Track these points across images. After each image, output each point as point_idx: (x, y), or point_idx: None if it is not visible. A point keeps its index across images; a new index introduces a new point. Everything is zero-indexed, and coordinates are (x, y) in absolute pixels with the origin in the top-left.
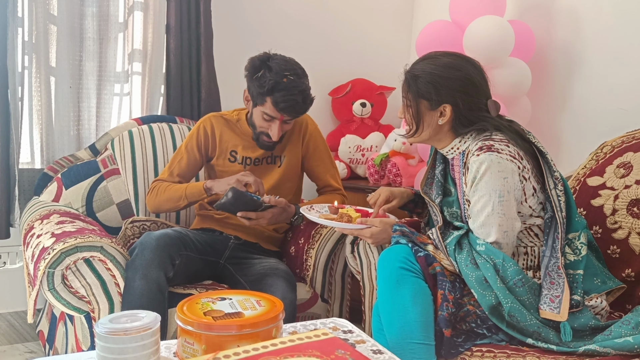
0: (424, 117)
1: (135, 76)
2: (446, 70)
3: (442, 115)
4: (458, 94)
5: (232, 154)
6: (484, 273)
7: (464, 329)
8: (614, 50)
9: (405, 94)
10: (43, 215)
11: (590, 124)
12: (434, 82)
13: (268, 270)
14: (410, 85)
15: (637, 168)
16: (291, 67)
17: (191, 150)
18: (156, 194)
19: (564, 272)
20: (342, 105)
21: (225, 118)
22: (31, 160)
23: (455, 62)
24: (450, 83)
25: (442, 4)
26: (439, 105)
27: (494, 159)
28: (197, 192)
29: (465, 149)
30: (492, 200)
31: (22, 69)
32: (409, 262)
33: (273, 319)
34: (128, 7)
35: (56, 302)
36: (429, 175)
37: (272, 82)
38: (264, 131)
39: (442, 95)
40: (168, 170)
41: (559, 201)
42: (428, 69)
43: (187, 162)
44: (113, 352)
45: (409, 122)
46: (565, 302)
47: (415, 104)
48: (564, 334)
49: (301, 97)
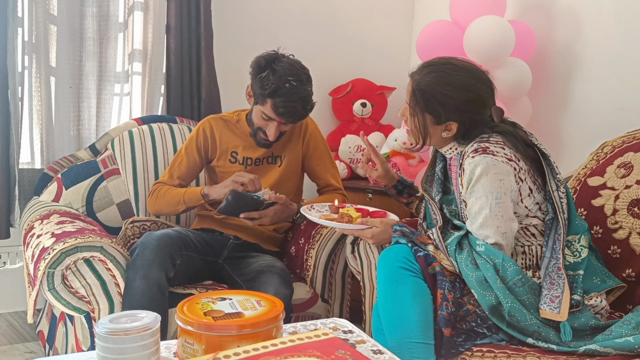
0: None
1: (135, 76)
2: (456, 91)
3: (447, 129)
4: (466, 114)
5: (233, 155)
6: (484, 273)
7: (464, 328)
8: (614, 50)
9: (411, 104)
10: (43, 215)
11: (590, 124)
12: (443, 102)
13: (264, 268)
14: (418, 100)
15: (637, 168)
16: (295, 73)
17: (191, 153)
18: (156, 197)
19: (564, 273)
20: (342, 105)
21: (225, 119)
22: (31, 160)
23: (466, 81)
24: (460, 105)
25: (442, 4)
26: (446, 122)
27: (489, 161)
28: (194, 197)
29: (462, 150)
30: (490, 202)
31: (22, 69)
32: (408, 262)
33: (273, 319)
34: (128, 7)
35: (56, 302)
36: (430, 173)
37: (274, 86)
38: (262, 129)
39: (449, 115)
40: (168, 173)
41: (561, 203)
42: (438, 88)
43: (187, 164)
44: (113, 352)
45: (414, 134)
46: (566, 303)
47: (422, 117)
48: (564, 333)
49: (301, 104)
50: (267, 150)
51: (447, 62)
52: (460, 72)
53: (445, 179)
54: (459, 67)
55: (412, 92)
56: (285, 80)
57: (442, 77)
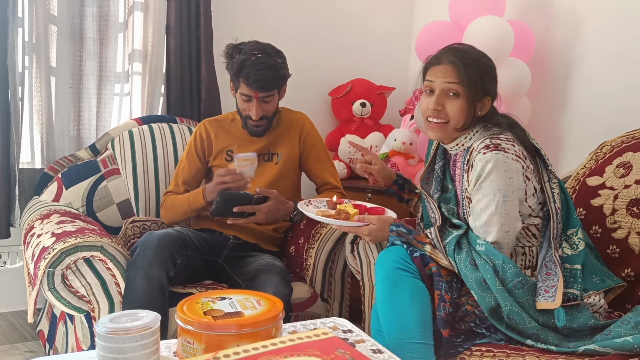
0: (469, 107)
1: (136, 76)
2: (488, 60)
3: (482, 107)
4: (494, 87)
5: (229, 154)
6: (483, 275)
7: (462, 328)
8: (614, 50)
9: (456, 82)
10: (43, 215)
11: (589, 124)
12: (488, 72)
13: (263, 267)
14: (470, 75)
15: (636, 168)
16: (262, 48)
17: (192, 158)
18: (166, 209)
19: (558, 261)
20: (342, 105)
21: (219, 120)
22: (31, 160)
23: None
24: (494, 73)
25: (441, 4)
26: (484, 97)
27: (501, 158)
28: (198, 200)
29: (469, 146)
30: (496, 199)
31: (22, 69)
32: (405, 263)
33: (273, 318)
34: (128, 7)
35: (56, 302)
36: (429, 170)
37: (239, 61)
38: (247, 114)
39: (488, 87)
40: (174, 182)
41: (552, 193)
42: (476, 57)
43: (189, 170)
44: (113, 351)
45: (463, 114)
46: (560, 291)
47: (468, 94)
48: (558, 319)
49: (270, 72)
50: (263, 147)
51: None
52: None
53: (443, 178)
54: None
55: (455, 68)
56: (250, 54)
57: (470, 51)
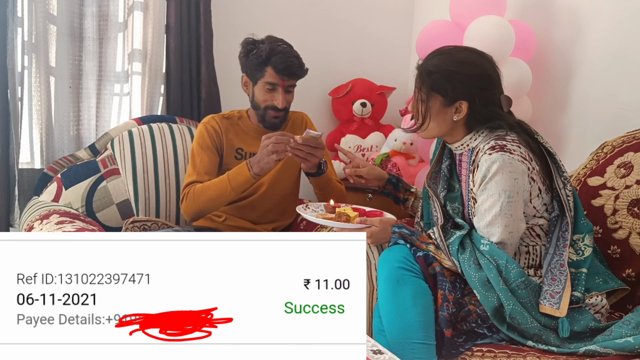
0: (437, 114)
1: (135, 76)
2: (462, 66)
3: (457, 111)
4: (474, 90)
5: (239, 152)
6: (486, 274)
7: (464, 329)
8: (614, 50)
9: (418, 89)
10: (43, 215)
11: (590, 123)
12: (449, 78)
13: None
14: (424, 80)
15: (637, 168)
16: (282, 41)
17: (207, 147)
18: (193, 197)
19: (567, 269)
20: (342, 105)
21: (227, 117)
22: (31, 160)
23: (471, 58)
24: (467, 79)
25: (442, 4)
26: (455, 101)
27: (506, 159)
28: (242, 174)
29: (475, 146)
30: (501, 200)
31: (21, 69)
32: (408, 262)
33: None
34: (128, 7)
35: None
36: (435, 169)
37: (268, 50)
38: (269, 104)
39: (458, 92)
40: (195, 172)
41: (568, 201)
42: (444, 65)
43: (209, 160)
44: None
45: (414, 113)
46: (566, 299)
47: (427, 99)
48: (562, 329)
49: (297, 60)
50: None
51: (451, 46)
52: (465, 52)
53: (450, 177)
54: (462, 48)
55: (419, 75)
56: (275, 44)
57: (447, 57)
